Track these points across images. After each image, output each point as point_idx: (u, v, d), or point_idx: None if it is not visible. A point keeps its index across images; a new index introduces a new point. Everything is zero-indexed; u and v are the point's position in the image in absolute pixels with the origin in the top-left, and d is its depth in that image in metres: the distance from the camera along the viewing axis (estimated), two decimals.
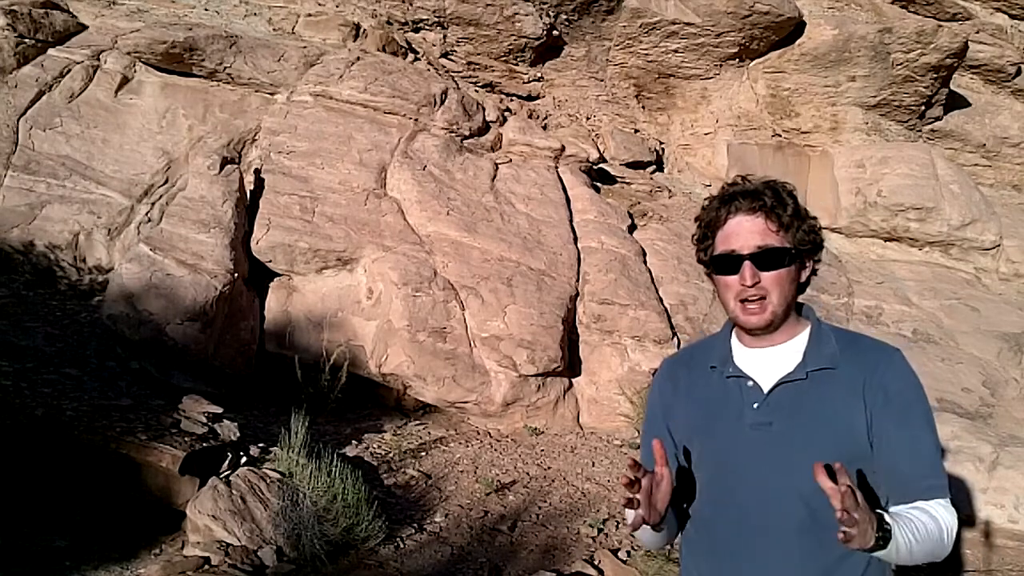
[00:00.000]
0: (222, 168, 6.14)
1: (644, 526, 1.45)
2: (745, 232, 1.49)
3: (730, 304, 1.53)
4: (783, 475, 1.46)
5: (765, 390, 1.52)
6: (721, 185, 1.58)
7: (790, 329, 1.56)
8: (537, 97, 9.61)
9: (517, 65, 9.23)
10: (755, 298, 1.49)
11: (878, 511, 1.32)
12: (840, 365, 1.51)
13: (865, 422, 1.47)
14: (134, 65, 7.31)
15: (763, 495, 1.48)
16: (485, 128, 8.05)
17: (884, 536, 1.27)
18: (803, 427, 1.47)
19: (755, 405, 1.52)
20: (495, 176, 7.45)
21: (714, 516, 1.56)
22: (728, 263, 1.50)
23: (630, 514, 1.44)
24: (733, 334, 1.63)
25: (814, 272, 1.58)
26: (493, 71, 9.22)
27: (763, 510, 1.48)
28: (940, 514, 1.42)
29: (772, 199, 1.49)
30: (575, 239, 7.16)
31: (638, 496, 1.38)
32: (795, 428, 1.48)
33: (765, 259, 1.48)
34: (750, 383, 1.54)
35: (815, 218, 1.56)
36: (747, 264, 1.48)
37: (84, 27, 7.56)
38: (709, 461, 1.57)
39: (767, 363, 1.55)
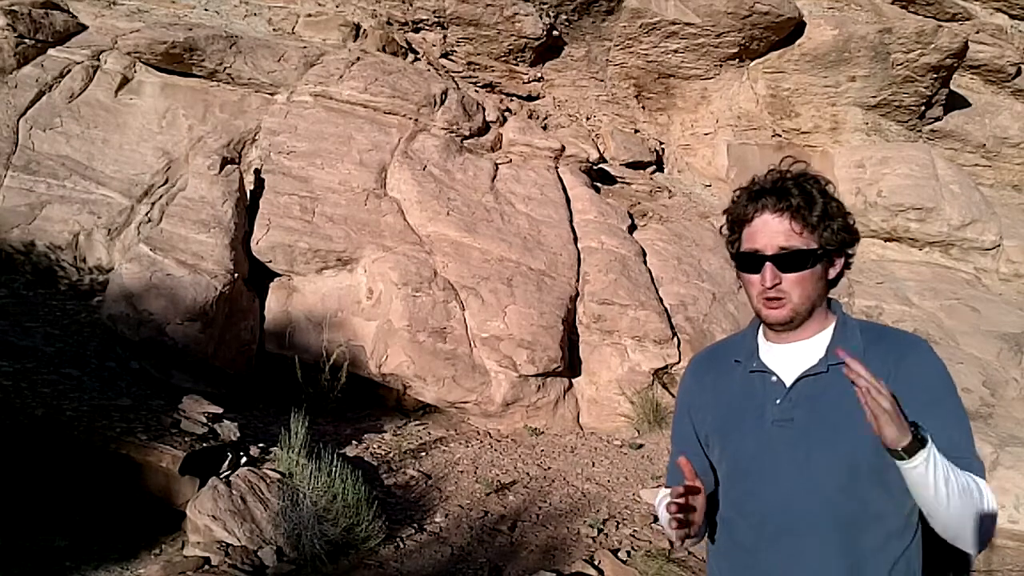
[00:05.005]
0: (222, 168, 6.14)
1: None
2: (769, 232, 1.47)
3: (753, 300, 1.53)
4: (805, 472, 1.44)
5: (788, 385, 1.51)
6: (752, 176, 1.54)
7: (817, 324, 1.54)
8: (537, 97, 9.61)
9: (517, 65, 9.23)
10: (775, 296, 1.48)
11: (913, 421, 1.30)
12: (864, 359, 1.45)
13: None
14: (134, 65, 7.31)
15: (785, 494, 1.46)
16: (485, 128, 8.05)
17: (920, 439, 1.28)
18: (824, 421, 1.45)
19: (777, 401, 1.50)
20: (495, 176, 7.45)
21: (736, 516, 1.54)
22: (751, 262, 1.49)
23: (670, 532, 1.44)
24: (760, 330, 1.61)
25: (848, 266, 1.55)
26: (493, 71, 9.22)
27: (785, 509, 1.46)
28: (979, 482, 1.37)
29: (800, 199, 1.46)
30: (575, 239, 7.16)
31: (687, 520, 1.40)
32: (816, 423, 1.46)
33: (787, 261, 1.46)
34: (773, 378, 1.53)
35: (849, 213, 1.53)
36: (768, 265, 1.46)
37: (84, 27, 7.56)
38: (730, 459, 1.55)
39: (792, 358, 1.53)
